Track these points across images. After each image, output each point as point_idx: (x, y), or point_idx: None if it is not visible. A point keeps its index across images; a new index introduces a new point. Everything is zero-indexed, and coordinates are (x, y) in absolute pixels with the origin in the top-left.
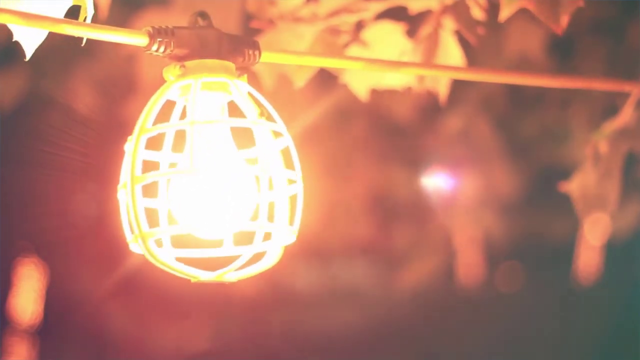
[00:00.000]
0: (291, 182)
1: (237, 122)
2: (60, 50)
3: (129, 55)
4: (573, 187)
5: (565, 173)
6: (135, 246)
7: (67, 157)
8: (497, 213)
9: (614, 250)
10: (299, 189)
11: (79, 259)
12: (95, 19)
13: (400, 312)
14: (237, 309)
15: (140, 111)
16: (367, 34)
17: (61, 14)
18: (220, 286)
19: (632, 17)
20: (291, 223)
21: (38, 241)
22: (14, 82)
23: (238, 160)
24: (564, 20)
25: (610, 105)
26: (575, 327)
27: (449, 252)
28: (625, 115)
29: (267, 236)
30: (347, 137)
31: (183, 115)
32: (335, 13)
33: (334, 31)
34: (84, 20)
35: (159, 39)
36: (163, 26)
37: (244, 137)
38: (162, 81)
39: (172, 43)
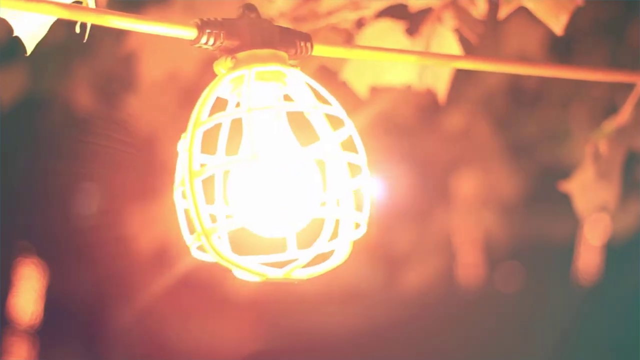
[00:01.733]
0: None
1: (295, 106)
2: (60, 50)
3: (128, 53)
4: (573, 186)
5: (565, 173)
6: (196, 251)
7: (67, 157)
8: (497, 213)
9: (614, 250)
10: (366, 176)
11: (79, 259)
12: None
13: (400, 312)
14: (237, 310)
15: (141, 110)
16: (367, 32)
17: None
18: (223, 287)
19: (632, 17)
20: (360, 209)
21: (38, 241)
22: (14, 81)
23: (299, 148)
24: (563, 19)
25: (610, 105)
26: (576, 327)
27: (449, 252)
28: (625, 114)
29: (333, 235)
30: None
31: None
32: (335, 11)
33: (334, 29)
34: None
35: (207, 31)
36: (212, 18)
37: (301, 133)
38: (162, 81)
39: (221, 34)
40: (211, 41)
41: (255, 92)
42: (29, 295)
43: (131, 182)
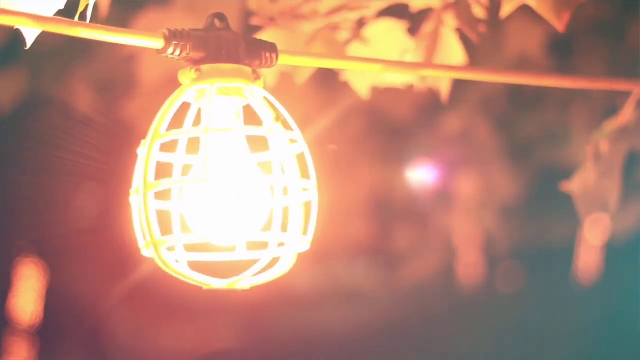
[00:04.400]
0: (305, 189)
1: (252, 130)
2: (60, 51)
3: (128, 56)
4: (574, 186)
5: (566, 173)
6: (147, 251)
7: (67, 158)
8: (497, 213)
9: (614, 250)
10: (313, 197)
11: (79, 259)
12: (95, 19)
13: (400, 312)
14: (237, 310)
15: (140, 112)
16: (368, 31)
17: (52, 12)
18: (225, 290)
19: (632, 17)
20: (305, 231)
21: (38, 241)
22: (14, 83)
23: (252, 167)
24: (566, 17)
25: (611, 105)
26: (576, 327)
27: (449, 252)
28: (625, 115)
29: (282, 242)
30: (347, 135)
31: (198, 117)
32: (336, 10)
33: (335, 29)
34: (81, 15)
35: (174, 42)
36: (179, 29)
37: (259, 139)
38: (162, 82)
39: (187, 46)
40: (177, 52)
41: (215, 109)
42: (29, 295)
43: (130, 184)
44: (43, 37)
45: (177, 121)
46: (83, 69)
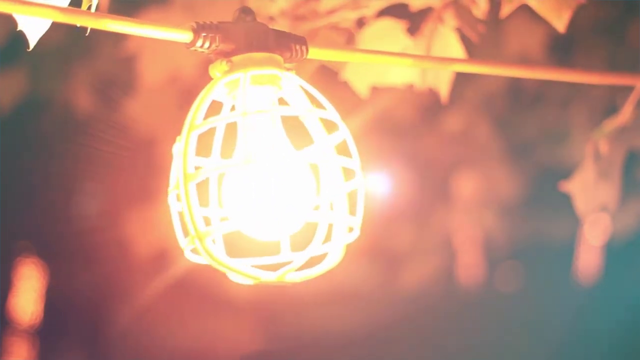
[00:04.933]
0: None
1: (290, 110)
2: (60, 51)
3: (129, 55)
4: (573, 186)
5: (566, 173)
6: (190, 254)
7: (67, 157)
8: (497, 213)
9: (614, 250)
10: (360, 180)
11: (79, 259)
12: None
13: (400, 312)
14: (236, 310)
15: (141, 112)
16: (368, 31)
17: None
18: (223, 287)
19: (632, 17)
20: (353, 212)
21: (38, 241)
22: (14, 83)
23: (293, 152)
24: (566, 17)
25: (610, 105)
26: (576, 327)
27: (449, 252)
28: (625, 114)
29: (326, 238)
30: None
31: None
32: (335, 10)
33: (335, 28)
34: (88, 9)
35: (203, 34)
36: (207, 21)
37: (295, 136)
38: (162, 81)
39: (217, 38)
40: (207, 44)
41: (250, 96)
42: (29, 295)
43: (131, 184)
44: (44, 37)
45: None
46: (83, 69)
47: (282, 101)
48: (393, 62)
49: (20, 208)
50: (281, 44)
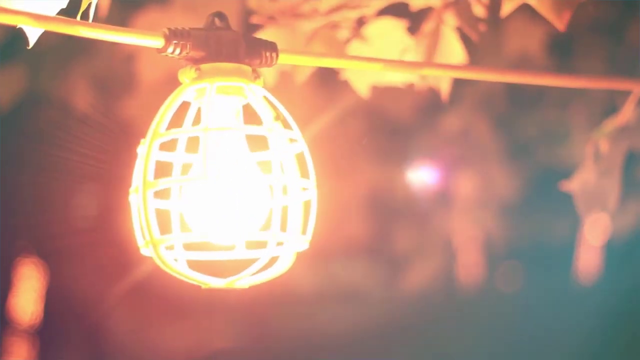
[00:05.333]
0: (305, 189)
1: (251, 129)
2: (59, 50)
3: (128, 55)
4: (573, 186)
5: (565, 173)
6: (146, 250)
7: (67, 157)
8: (497, 213)
9: (614, 249)
10: (312, 196)
11: (79, 259)
12: (95, 18)
13: (401, 312)
14: (237, 310)
15: (139, 111)
16: (368, 30)
17: (55, 11)
18: (222, 288)
19: (632, 17)
20: (304, 231)
21: (38, 241)
22: (14, 81)
23: (251, 166)
24: (566, 16)
25: (610, 105)
26: (575, 327)
27: (449, 252)
28: (625, 114)
29: (281, 242)
30: (346, 135)
31: (197, 116)
32: (336, 9)
33: (335, 27)
34: (83, 14)
35: (174, 41)
36: (179, 28)
37: (259, 139)
38: (161, 81)
39: (187, 45)
40: (177, 51)
41: (214, 108)
42: (29, 295)
43: (130, 183)
44: (43, 36)
45: (176, 120)
46: (83, 68)
47: (248, 107)
48: (360, 67)
49: (20, 208)
50: (251, 52)
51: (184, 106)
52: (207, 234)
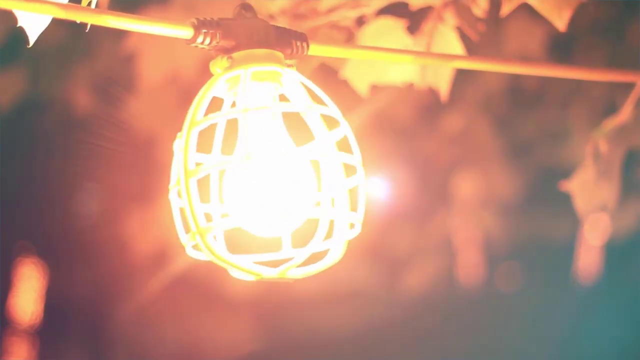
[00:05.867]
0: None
1: (291, 107)
2: (60, 50)
3: (128, 55)
4: (573, 185)
5: (565, 173)
6: (192, 250)
7: (67, 157)
8: (497, 213)
9: (613, 249)
10: (361, 177)
11: (79, 259)
12: None
13: (401, 312)
14: (236, 309)
15: (140, 111)
16: (368, 29)
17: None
18: (222, 287)
19: (632, 17)
20: (354, 209)
21: (38, 241)
22: (14, 82)
23: (294, 148)
24: (566, 15)
25: (610, 104)
26: (576, 327)
27: (449, 252)
28: (624, 114)
29: (327, 234)
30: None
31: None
32: (335, 9)
33: (334, 27)
34: (88, 5)
35: (204, 31)
36: (208, 18)
37: (297, 133)
38: (163, 82)
39: (217, 34)
40: (207, 41)
41: (251, 92)
42: (29, 295)
43: (131, 183)
44: (43, 35)
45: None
46: (83, 69)
47: (282, 98)
48: (394, 59)
49: (20, 208)
50: (282, 40)
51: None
52: (253, 218)
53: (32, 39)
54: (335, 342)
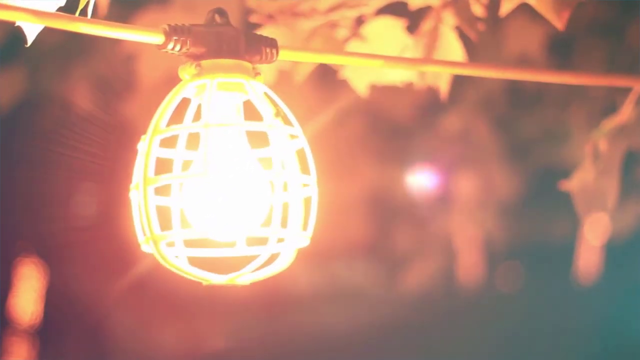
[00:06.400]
0: (305, 185)
1: (252, 125)
2: (59, 49)
3: (128, 54)
4: (573, 185)
5: (565, 173)
6: (146, 247)
7: (67, 157)
8: (497, 213)
9: (613, 249)
10: (313, 192)
11: (79, 258)
12: (94, 17)
13: (401, 312)
14: (236, 310)
15: (139, 110)
16: (367, 29)
17: (54, 9)
18: (223, 287)
19: (632, 17)
20: (305, 227)
21: (38, 241)
22: (14, 81)
23: (252, 162)
24: (565, 15)
25: (609, 104)
26: (575, 327)
27: (449, 252)
28: (624, 114)
29: (281, 238)
30: (345, 134)
31: (198, 113)
32: (335, 8)
33: (334, 26)
34: (81, 12)
35: (174, 37)
36: (179, 24)
37: (259, 135)
38: (161, 80)
39: (188, 41)
40: (177, 47)
41: (215, 104)
42: (29, 295)
43: (130, 183)
44: (43, 35)
45: (177, 117)
46: (83, 67)
47: (248, 103)
48: (362, 64)
49: (20, 207)
50: (251, 48)
51: (184, 103)
52: (207, 231)
53: (30, 38)
54: (335, 342)
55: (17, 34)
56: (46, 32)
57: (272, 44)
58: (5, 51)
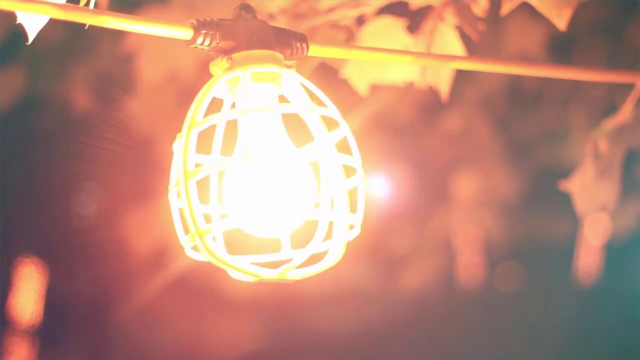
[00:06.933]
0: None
1: (291, 108)
2: (59, 49)
3: (127, 54)
4: (573, 185)
5: (565, 173)
6: (191, 251)
7: (67, 157)
8: (497, 213)
9: (613, 249)
10: (360, 177)
11: (79, 259)
12: None
13: (400, 312)
14: (236, 309)
15: (139, 110)
16: (368, 29)
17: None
18: (223, 287)
19: (632, 17)
20: (353, 210)
21: (38, 241)
22: (13, 81)
23: (294, 149)
24: (567, 15)
25: (609, 104)
26: (576, 327)
27: (449, 252)
28: (624, 113)
29: (327, 235)
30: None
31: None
32: (335, 8)
33: (334, 26)
34: (86, 5)
35: (203, 32)
36: (207, 18)
37: (296, 134)
38: (161, 81)
39: (217, 35)
40: (207, 42)
41: (250, 93)
42: (29, 295)
43: (130, 183)
44: (43, 34)
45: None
46: (82, 67)
47: (282, 98)
48: (393, 60)
49: (20, 208)
50: (281, 41)
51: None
52: (252, 220)
53: (32, 36)
54: (335, 341)
55: (17, 33)
56: (46, 31)
57: (301, 38)
58: (5, 50)
